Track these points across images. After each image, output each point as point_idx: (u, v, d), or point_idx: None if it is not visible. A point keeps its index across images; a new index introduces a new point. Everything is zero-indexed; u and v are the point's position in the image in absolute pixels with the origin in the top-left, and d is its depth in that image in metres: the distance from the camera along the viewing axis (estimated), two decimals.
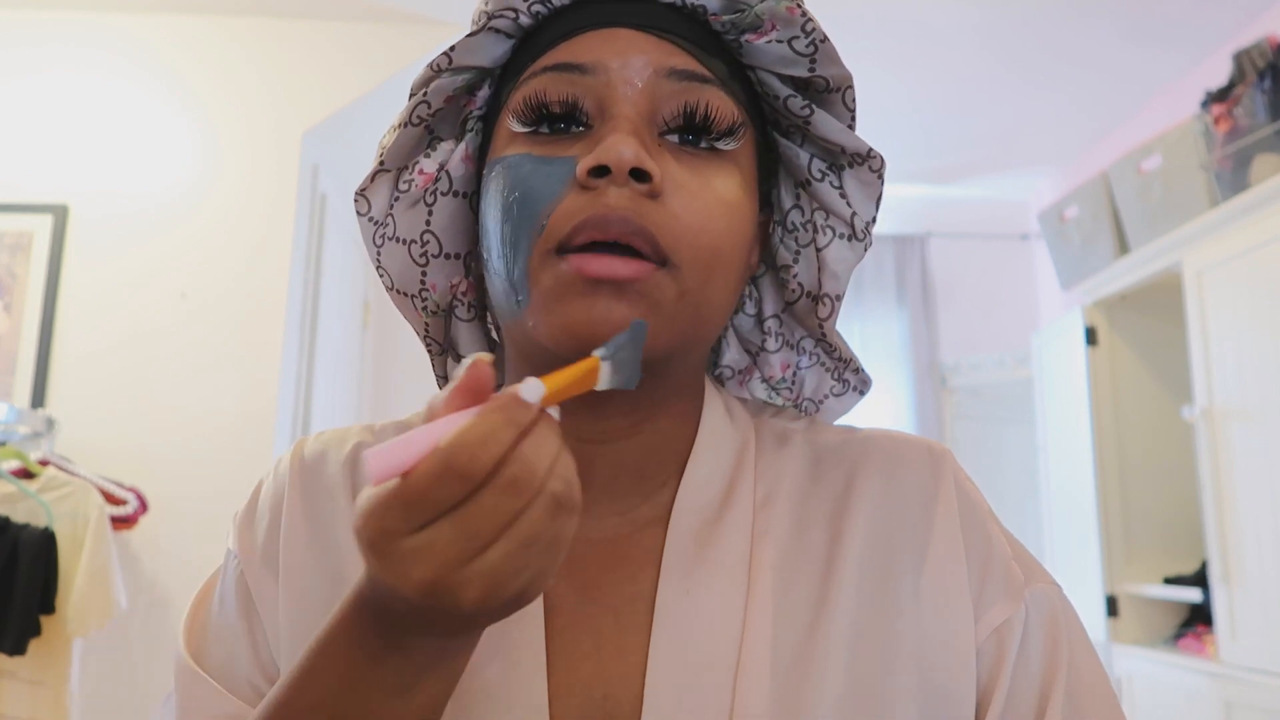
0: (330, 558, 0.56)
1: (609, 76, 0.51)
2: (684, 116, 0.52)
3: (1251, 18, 2.74)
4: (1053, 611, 0.54)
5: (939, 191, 4.00)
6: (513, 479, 0.37)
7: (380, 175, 0.58)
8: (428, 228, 0.58)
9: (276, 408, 2.50)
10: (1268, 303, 2.17)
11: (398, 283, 0.60)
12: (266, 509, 0.59)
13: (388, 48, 2.71)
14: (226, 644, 0.55)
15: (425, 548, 0.37)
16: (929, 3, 2.68)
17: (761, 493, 0.57)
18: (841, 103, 0.57)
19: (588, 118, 0.52)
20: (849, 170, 0.59)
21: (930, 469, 0.57)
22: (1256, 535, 2.18)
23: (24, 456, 2.12)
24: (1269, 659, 2.12)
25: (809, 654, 0.51)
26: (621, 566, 0.54)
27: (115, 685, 2.26)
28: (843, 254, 0.60)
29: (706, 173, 0.52)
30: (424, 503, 0.37)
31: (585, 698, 0.51)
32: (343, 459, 0.59)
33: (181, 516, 2.38)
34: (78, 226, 2.56)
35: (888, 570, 0.54)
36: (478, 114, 0.58)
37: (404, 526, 0.37)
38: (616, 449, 0.55)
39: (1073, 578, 2.87)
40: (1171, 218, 2.53)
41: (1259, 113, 2.28)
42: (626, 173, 0.48)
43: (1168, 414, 2.80)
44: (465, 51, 0.55)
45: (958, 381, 3.90)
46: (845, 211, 0.59)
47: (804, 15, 0.54)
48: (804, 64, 0.55)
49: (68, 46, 2.67)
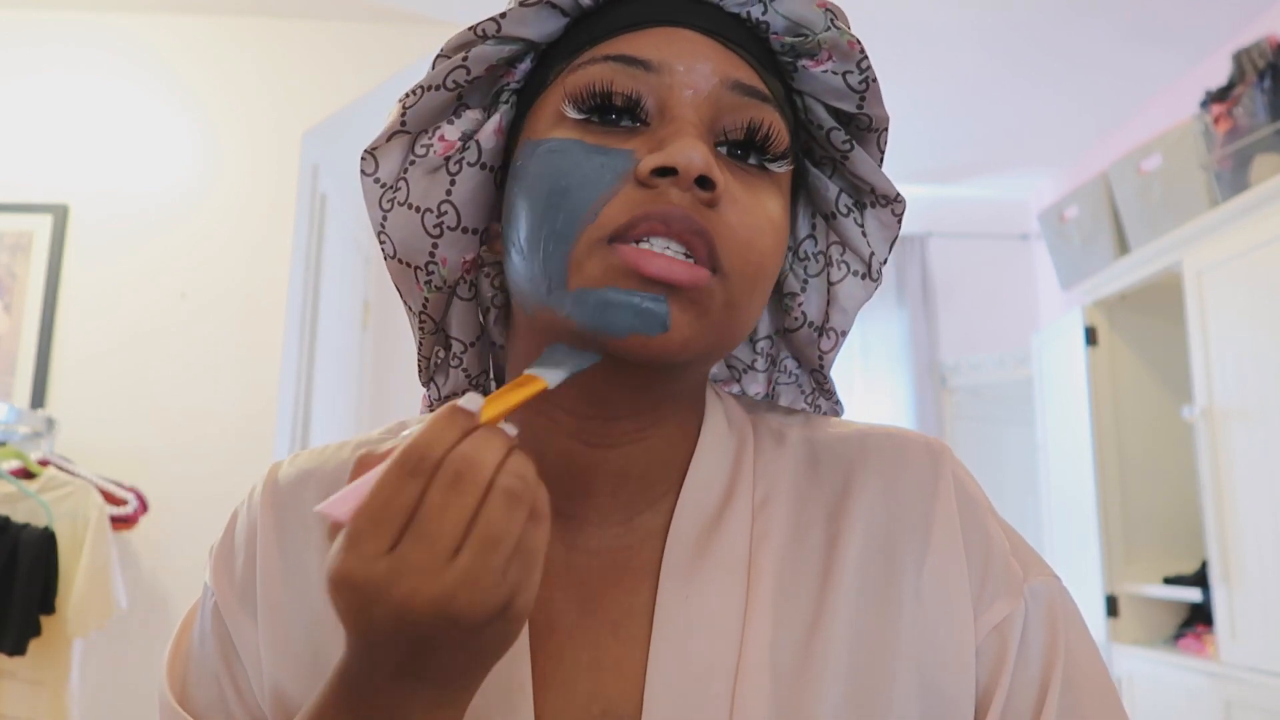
0: (307, 594, 0.54)
1: (673, 78, 0.50)
2: (747, 132, 0.51)
3: (1251, 18, 2.74)
4: (1051, 604, 0.54)
5: (939, 191, 4.00)
6: (456, 473, 0.39)
7: (397, 136, 0.54)
8: (448, 198, 0.55)
9: (276, 408, 2.49)
10: (1268, 303, 2.17)
11: (401, 251, 0.56)
12: (242, 544, 0.57)
13: (388, 48, 2.71)
14: (208, 685, 0.55)
15: (399, 564, 0.38)
16: (929, 3, 2.68)
17: (760, 494, 0.56)
18: (876, 143, 0.58)
19: (646, 115, 0.50)
20: (871, 209, 0.59)
21: (929, 466, 0.57)
22: (1256, 535, 2.18)
23: (24, 456, 2.12)
24: (1269, 659, 2.12)
25: (809, 657, 0.51)
26: (622, 579, 0.54)
27: (115, 685, 2.26)
28: (854, 291, 0.60)
29: (758, 190, 0.51)
30: (385, 511, 0.39)
31: (584, 713, 0.50)
32: (321, 485, 0.57)
33: (181, 516, 2.38)
34: (78, 226, 2.56)
35: (887, 570, 0.53)
36: (514, 87, 0.56)
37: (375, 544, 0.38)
38: (622, 454, 0.54)
39: (1073, 578, 2.86)
40: (1171, 218, 2.53)
41: (1259, 113, 2.27)
42: (693, 178, 0.47)
43: (1168, 414, 2.79)
44: (516, 22, 0.53)
45: (958, 381, 3.90)
46: (865, 250, 0.59)
47: (862, 52, 0.54)
48: (854, 99, 0.55)
49: (68, 46, 2.67)
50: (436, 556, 0.38)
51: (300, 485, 0.58)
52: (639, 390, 0.52)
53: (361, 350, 3.39)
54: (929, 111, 3.31)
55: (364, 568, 0.38)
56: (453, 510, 0.38)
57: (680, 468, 0.57)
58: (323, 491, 0.57)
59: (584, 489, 0.55)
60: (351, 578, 0.39)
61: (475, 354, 0.61)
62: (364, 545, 0.39)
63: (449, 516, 0.38)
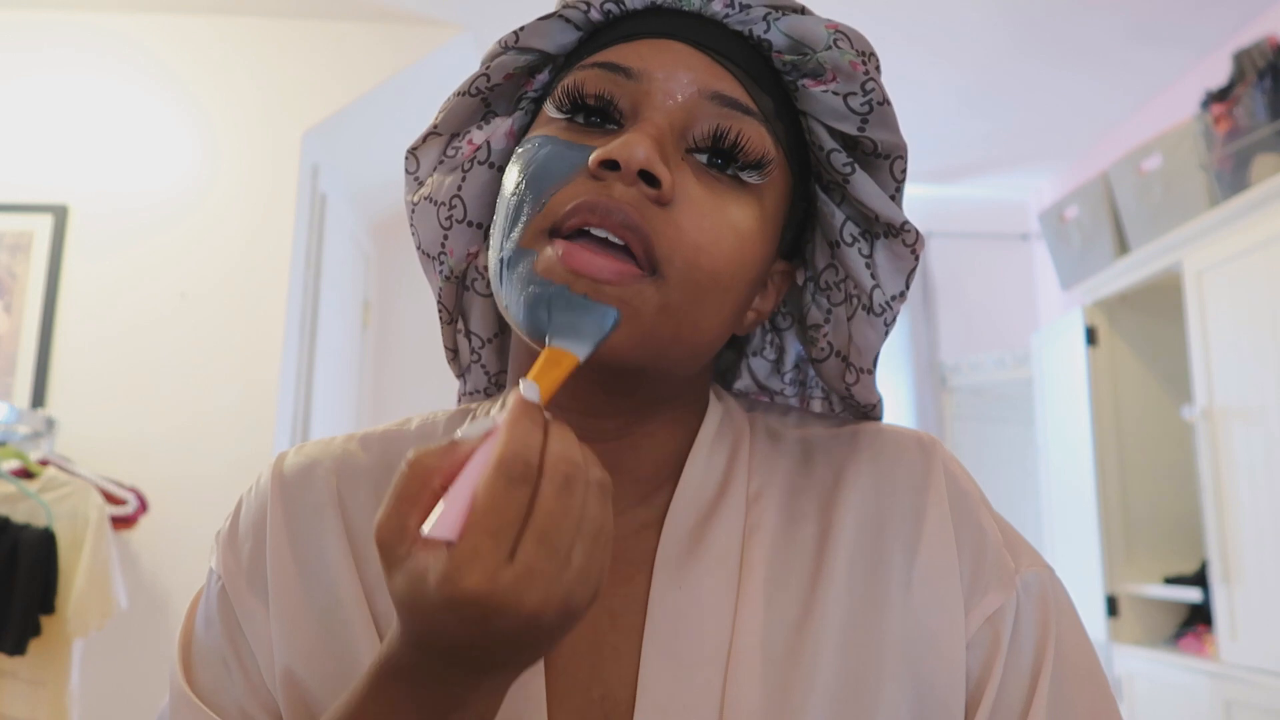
0: (319, 578, 0.55)
1: (650, 85, 0.52)
2: (713, 138, 0.51)
3: (1251, 18, 2.74)
4: (1043, 594, 0.54)
5: (939, 191, 4.00)
6: (566, 477, 0.39)
7: (432, 138, 0.59)
8: (458, 193, 0.59)
9: (276, 408, 2.50)
10: (1268, 303, 2.17)
11: (424, 243, 0.61)
12: (250, 530, 0.58)
13: (388, 48, 2.71)
14: (215, 667, 0.55)
15: (526, 573, 0.38)
16: (929, 3, 2.68)
17: (754, 488, 0.57)
18: (889, 170, 0.56)
19: (621, 117, 0.52)
20: (882, 240, 0.57)
21: (920, 460, 0.57)
22: (1256, 535, 2.18)
23: (24, 456, 2.12)
24: (1269, 659, 2.12)
25: (800, 647, 0.51)
26: (619, 568, 0.54)
27: (115, 685, 2.26)
28: (864, 328, 0.57)
29: (725, 197, 0.51)
30: (502, 520, 0.38)
31: (583, 699, 0.51)
32: (329, 473, 0.58)
33: (181, 516, 2.38)
34: (78, 226, 2.56)
35: (878, 562, 0.54)
36: (532, 95, 0.59)
37: (496, 557, 0.38)
38: (609, 449, 0.55)
39: (1073, 577, 2.86)
40: (1171, 218, 2.53)
41: (1259, 113, 2.28)
42: (635, 172, 0.48)
43: (1168, 414, 2.80)
44: (532, 33, 0.56)
45: (958, 381, 3.90)
46: (867, 284, 0.57)
47: (867, 74, 0.53)
48: (855, 121, 0.54)
49: (68, 47, 2.67)
50: (560, 561, 0.38)
51: (307, 473, 0.58)
52: (615, 393, 0.53)
53: (361, 350, 3.39)
54: (929, 111, 3.31)
55: (489, 582, 0.37)
56: (571, 512, 0.39)
57: (676, 464, 0.57)
58: (328, 480, 0.58)
59: None
60: (477, 593, 0.37)
61: (494, 350, 0.63)
62: (486, 559, 0.38)
63: (568, 518, 0.39)
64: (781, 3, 0.54)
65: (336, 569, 0.55)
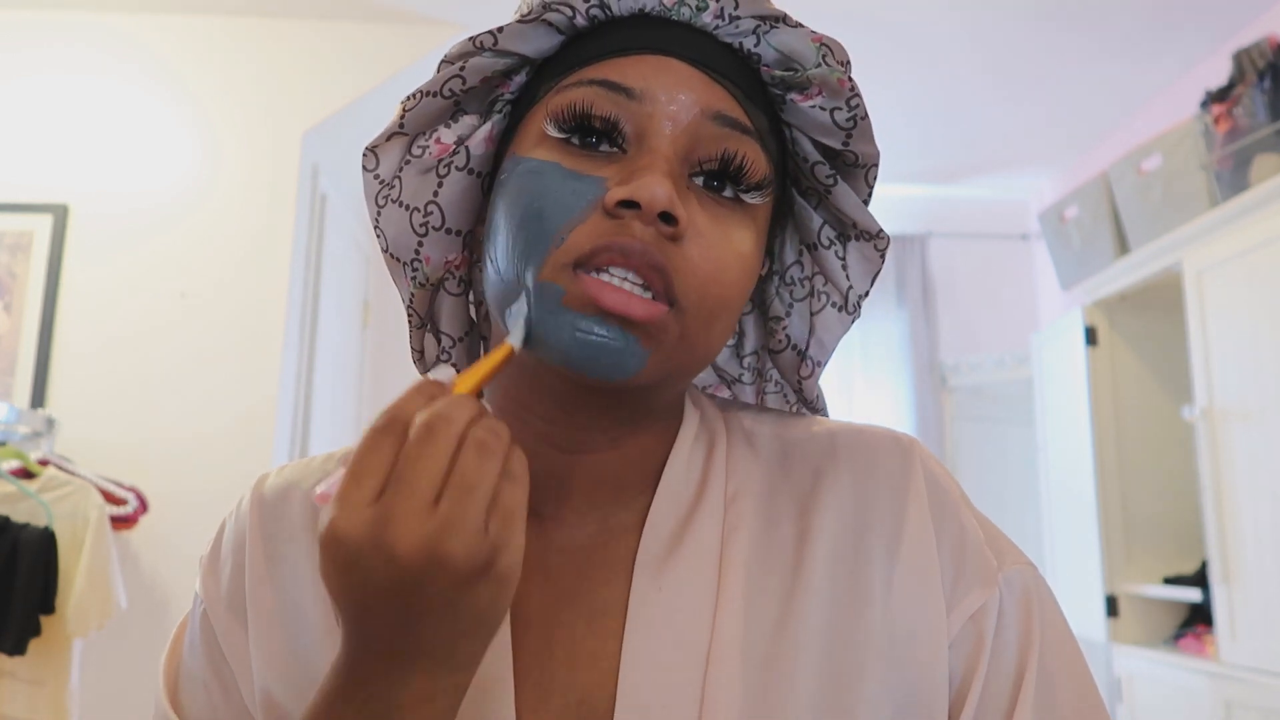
0: (295, 601, 0.55)
1: (654, 107, 0.51)
2: (720, 162, 0.52)
3: (1251, 18, 2.74)
4: (1026, 591, 0.54)
5: (939, 191, 4.00)
6: (427, 426, 0.41)
7: (396, 137, 0.57)
8: (434, 199, 0.57)
9: (276, 407, 2.50)
10: (1268, 303, 2.17)
11: (393, 247, 0.59)
12: (229, 553, 0.58)
13: (388, 48, 2.71)
14: (199, 693, 0.56)
15: (384, 511, 0.40)
16: (929, 3, 2.68)
17: (731, 489, 0.57)
18: (864, 179, 0.58)
19: (624, 140, 0.52)
20: (854, 242, 0.59)
21: (899, 460, 0.57)
22: (1256, 535, 2.18)
23: (24, 456, 2.12)
24: (1269, 659, 2.12)
25: (780, 646, 0.51)
26: (596, 573, 0.54)
27: (115, 685, 2.26)
28: (831, 323, 0.61)
29: (728, 223, 0.52)
30: (364, 467, 0.41)
31: (561, 705, 0.51)
32: (305, 497, 0.59)
33: (181, 516, 2.38)
34: (78, 226, 2.56)
35: (858, 563, 0.54)
36: (509, 98, 0.58)
37: (357, 497, 0.40)
38: (596, 460, 0.55)
39: (1073, 577, 2.87)
40: (1171, 218, 2.53)
41: (1259, 113, 2.28)
42: (655, 214, 0.48)
43: (1168, 414, 2.80)
44: (512, 36, 0.54)
45: (958, 381, 3.90)
46: (843, 284, 0.60)
47: (852, 90, 0.54)
48: (840, 136, 0.55)
49: (68, 47, 2.67)
50: (418, 504, 0.40)
51: (285, 496, 0.59)
52: (607, 409, 0.54)
53: (361, 350, 3.39)
54: (929, 111, 3.31)
55: (349, 519, 0.40)
56: (427, 460, 0.40)
57: (655, 469, 0.57)
58: (307, 502, 0.59)
59: (559, 491, 0.56)
60: (338, 531, 0.40)
61: (464, 349, 0.63)
62: (349, 500, 0.40)
63: (425, 465, 0.40)
64: (768, 12, 0.54)
65: (309, 592, 0.55)
